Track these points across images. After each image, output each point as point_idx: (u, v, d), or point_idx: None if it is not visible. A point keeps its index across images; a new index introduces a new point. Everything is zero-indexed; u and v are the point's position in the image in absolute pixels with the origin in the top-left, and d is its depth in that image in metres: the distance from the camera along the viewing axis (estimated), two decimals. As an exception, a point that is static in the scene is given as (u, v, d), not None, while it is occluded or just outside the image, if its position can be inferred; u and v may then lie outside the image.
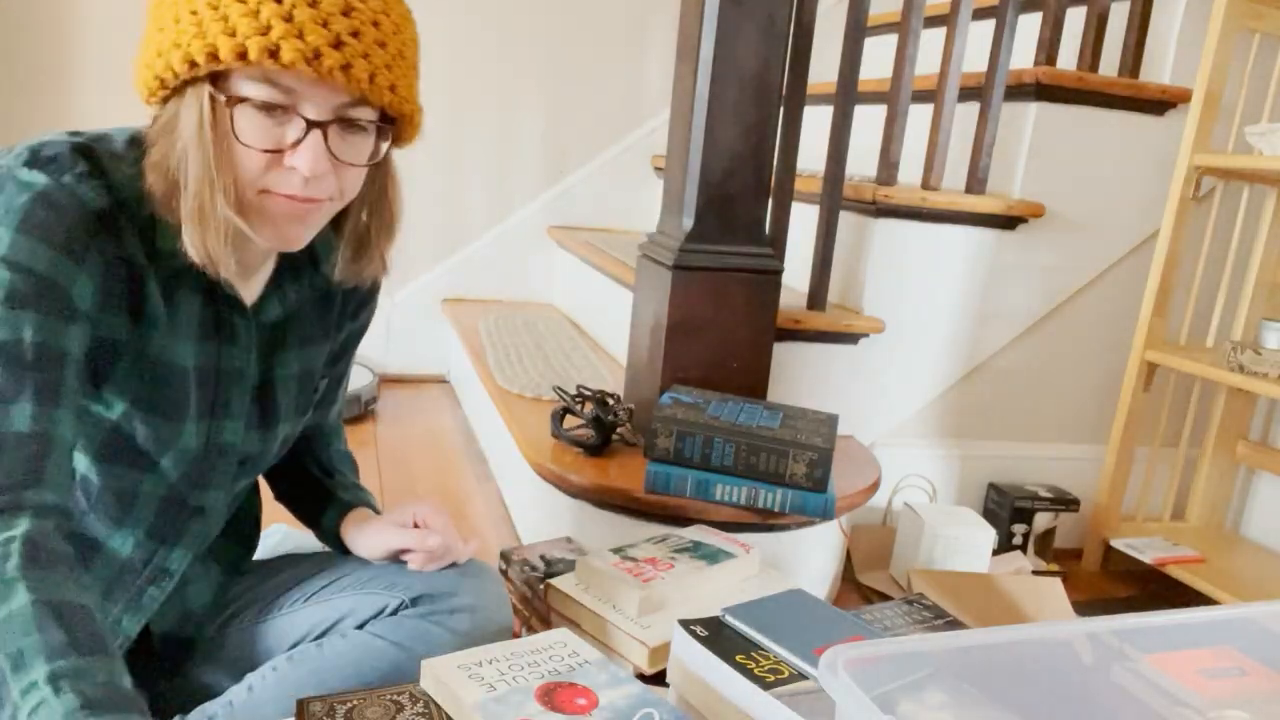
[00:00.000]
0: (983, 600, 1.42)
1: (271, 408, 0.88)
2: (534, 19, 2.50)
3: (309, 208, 0.73)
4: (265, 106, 0.68)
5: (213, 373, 0.81)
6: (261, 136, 0.69)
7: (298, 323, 0.89)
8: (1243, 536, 1.89)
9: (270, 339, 0.86)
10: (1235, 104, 1.72)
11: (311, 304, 0.89)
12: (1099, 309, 1.85)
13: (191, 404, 0.80)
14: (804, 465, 1.29)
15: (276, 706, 0.87)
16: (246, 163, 0.70)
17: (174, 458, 0.81)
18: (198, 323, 0.78)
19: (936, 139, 1.69)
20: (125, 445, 0.79)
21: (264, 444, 0.89)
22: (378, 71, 0.69)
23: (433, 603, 0.94)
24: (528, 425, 1.55)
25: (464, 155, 2.53)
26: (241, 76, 0.67)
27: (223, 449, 0.85)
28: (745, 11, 1.38)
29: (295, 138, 0.69)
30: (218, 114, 0.68)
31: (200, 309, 0.78)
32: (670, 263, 1.45)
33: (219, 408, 0.83)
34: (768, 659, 0.85)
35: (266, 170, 0.70)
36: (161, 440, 0.79)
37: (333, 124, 0.70)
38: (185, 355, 0.78)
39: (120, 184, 0.72)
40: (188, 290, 0.77)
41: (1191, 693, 0.77)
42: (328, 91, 0.69)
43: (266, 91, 0.68)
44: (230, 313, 0.81)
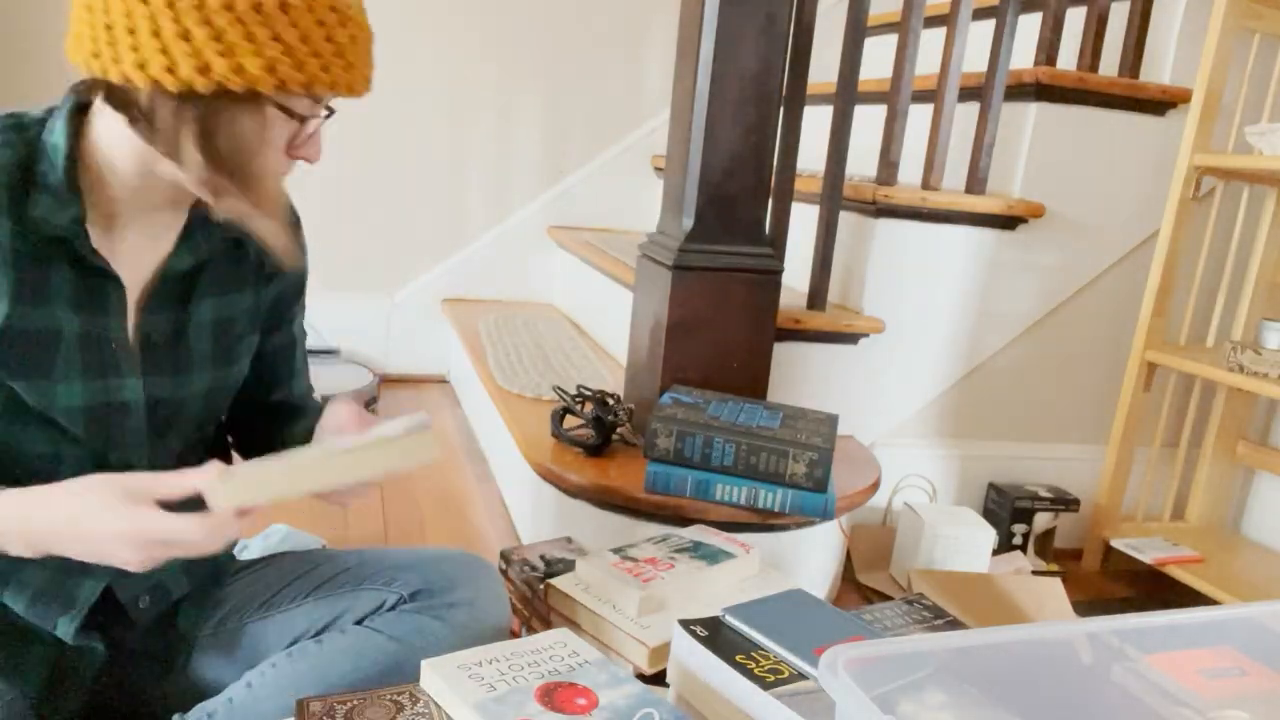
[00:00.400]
0: (983, 600, 1.42)
1: (186, 356, 0.88)
2: (534, 19, 2.50)
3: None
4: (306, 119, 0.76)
5: (92, 337, 0.82)
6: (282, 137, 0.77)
7: (211, 271, 0.90)
8: (1243, 536, 1.89)
9: (183, 288, 0.88)
10: (1235, 104, 1.72)
11: (224, 254, 0.90)
12: (1099, 309, 1.85)
13: (60, 366, 0.80)
14: (804, 465, 1.29)
15: (276, 703, 0.87)
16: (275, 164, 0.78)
17: (66, 417, 0.81)
18: (70, 291, 0.80)
19: (936, 139, 1.69)
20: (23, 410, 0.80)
21: (177, 391, 0.88)
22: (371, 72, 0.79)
23: (431, 598, 0.94)
24: (528, 425, 1.55)
25: (464, 155, 2.53)
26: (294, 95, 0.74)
27: (123, 405, 0.84)
28: (745, 11, 1.38)
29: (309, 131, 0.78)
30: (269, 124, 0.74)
31: (73, 277, 0.80)
32: (670, 263, 1.44)
33: (108, 369, 0.83)
34: (768, 659, 0.85)
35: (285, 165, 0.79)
36: (42, 401, 0.80)
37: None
38: (59, 320, 0.79)
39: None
40: (59, 259, 0.79)
41: (1191, 693, 0.77)
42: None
43: (314, 107, 0.76)
44: (102, 280, 0.81)
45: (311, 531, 1.48)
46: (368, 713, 0.77)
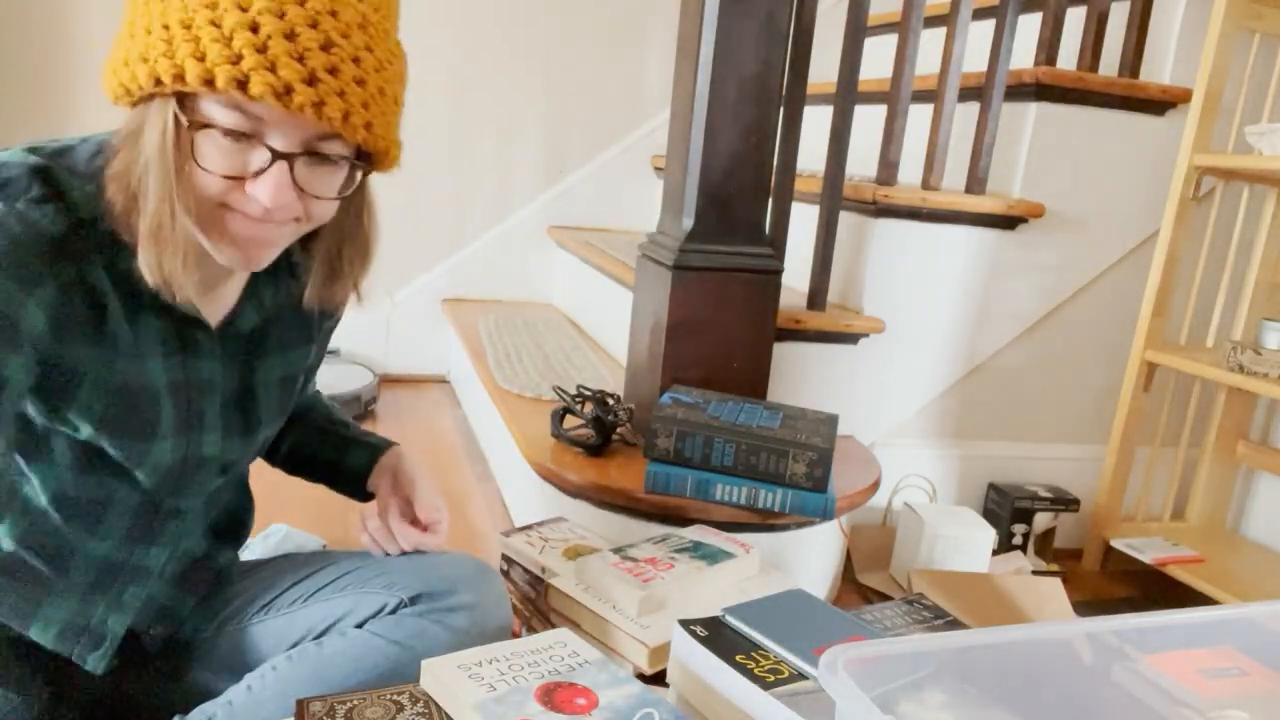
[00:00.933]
0: (983, 600, 1.42)
1: (254, 413, 0.88)
2: (534, 19, 2.50)
3: (271, 231, 0.70)
4: (232, 134, 0.65)
5: (183, 388, 0.80)
6: (223, 163, 0.66)
7: (276, 328, 0.88)
8: (1243, 536, 1.89)
9: (249, 346, 0.86)
10: (1235, 104, 1.72)
11: (290, 309, 0.88)
12: (1099, 309, 1.85)
13: (163, 422, 0.79)
14: (804, 465, 1.29)
15: (276, 706, 0.87)
16: (207, 185, 0.67)
17: (148, 471, 0.80)
18: (161, 340, 0.77)
19: (936, 139, 1.69)
20: (100, 460, 0.78)
21: (245, 449, 0.89)
22: (353, 110, 0.66)
23: (432, 601, 0.94)
24: (528, 425, 1.55)
25: (464, 155, 2.53)
26: (210, 100, 0.65)
27: (202, 460, 0.85)
28: (745, 11, 1.38)
29: (259, 167, 0.66)
30: (181, 135, 0.65)
31: (163, 327, 0.77)
32: (670, 263, 1.45)
33: (194, 421, 0.82)
34: (768, 659, 0.85)
35: (227, 193, 0.68)
36: (134, 458, 0.78)
37: (301, 156, 0.67)
38: (153, 374, 0.77)
39: (80, 203, 0.69)
40: (150, 309, 0.75)
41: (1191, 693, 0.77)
42: (298, 124, 0.66)
43: (234, 119, 0.65)
44: (192, 327, 0.79)
45: (312, 532, 1.48)
46: (368, 713, 0.77)
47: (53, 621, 0.84)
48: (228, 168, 0.66)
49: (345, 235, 0.78)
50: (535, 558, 1.17)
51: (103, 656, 0.87)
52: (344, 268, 0.79)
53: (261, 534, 1.42)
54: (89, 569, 0.83)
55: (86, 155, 0.71)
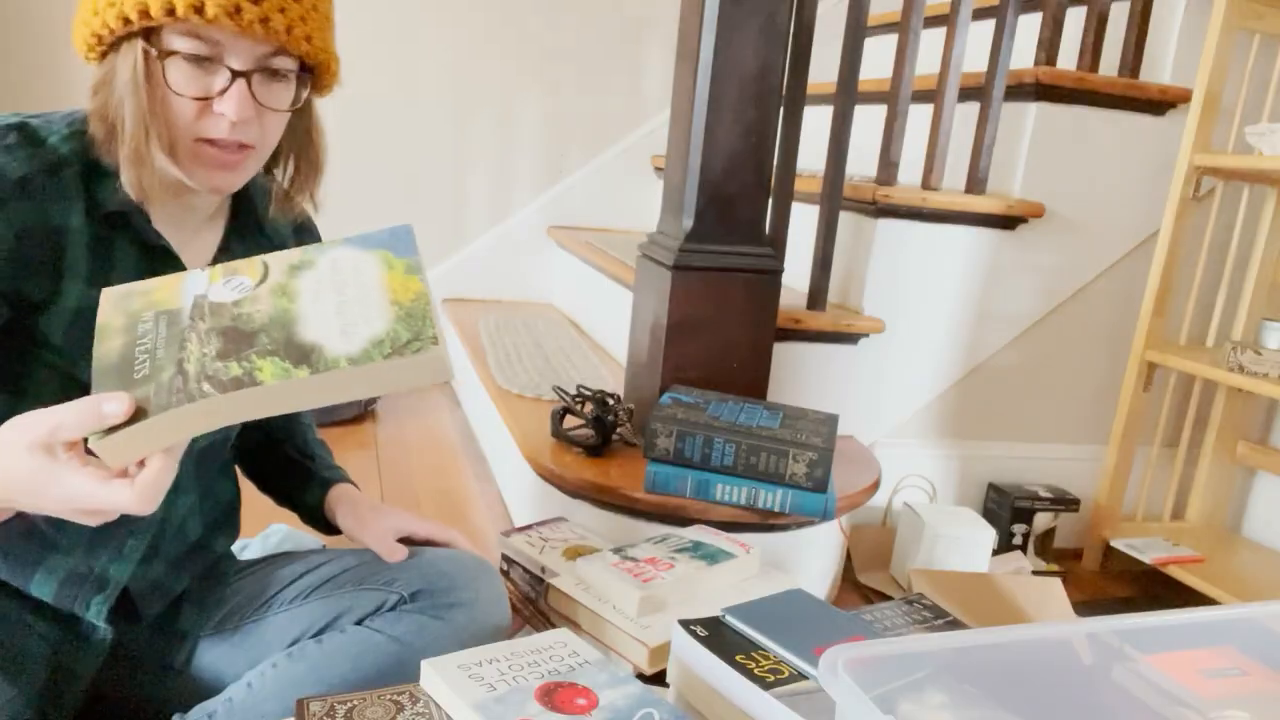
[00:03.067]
0: (983, 600, 1.42)
1: None
2: (534, 19, 2.50)
3: (238, 157, 0.79)
4: (193, 58, 0.75)
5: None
6: (191, 85, 0.75)
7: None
8: (1243, 536, 1.89)
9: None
10: (1235, 104, 1.72)
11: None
12: (1099, 309, 1.85)
13: None
14: (804, 465, 1.29)
15: (276, 703, 0.87)
16: (179, 110, 0.76)
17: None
18: (134, 273, 0.82)
19: (936, 139, 1.69)
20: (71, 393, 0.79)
21: None
22: (294, 24, 0.76)
23: (431, 598, 0.94)
24: (528, 425, 1.55)
25: (464, 155, 2.53)
26: (171, 32, 0.74)
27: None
28: (745, 11, 1.38)
29: (222, 86, 0.76)
30: (150, 66, 0.75)
31: (135, 260, 0.82)
32: (670, 263, 1.44)
33: None
34: (768, 659, 0.85)
35: (198, 118, 0.77)
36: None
37: (255, 73, 0.77)
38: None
39: (54, 146, 0.78)
40: (127, 242, 0.82)
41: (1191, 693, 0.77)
42: (250, 43, 0.75)
43: (194, 45, 0.74)
44: (165, 264, 0.84)
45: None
46: (368, 713, 0.77)
47: (56, 571, 0.85)
48: (195, 90, 0.76)
49: (299, 152, 0.87)
50: (535, 558, 1.17)
51: (104, 602, 0.87)
52: (299, 181, 0.89)
53: (261, 534, 1.42)
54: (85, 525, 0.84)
55: (63, 114, 0.81)
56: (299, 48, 0.77)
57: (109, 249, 0.81)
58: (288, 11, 0.76)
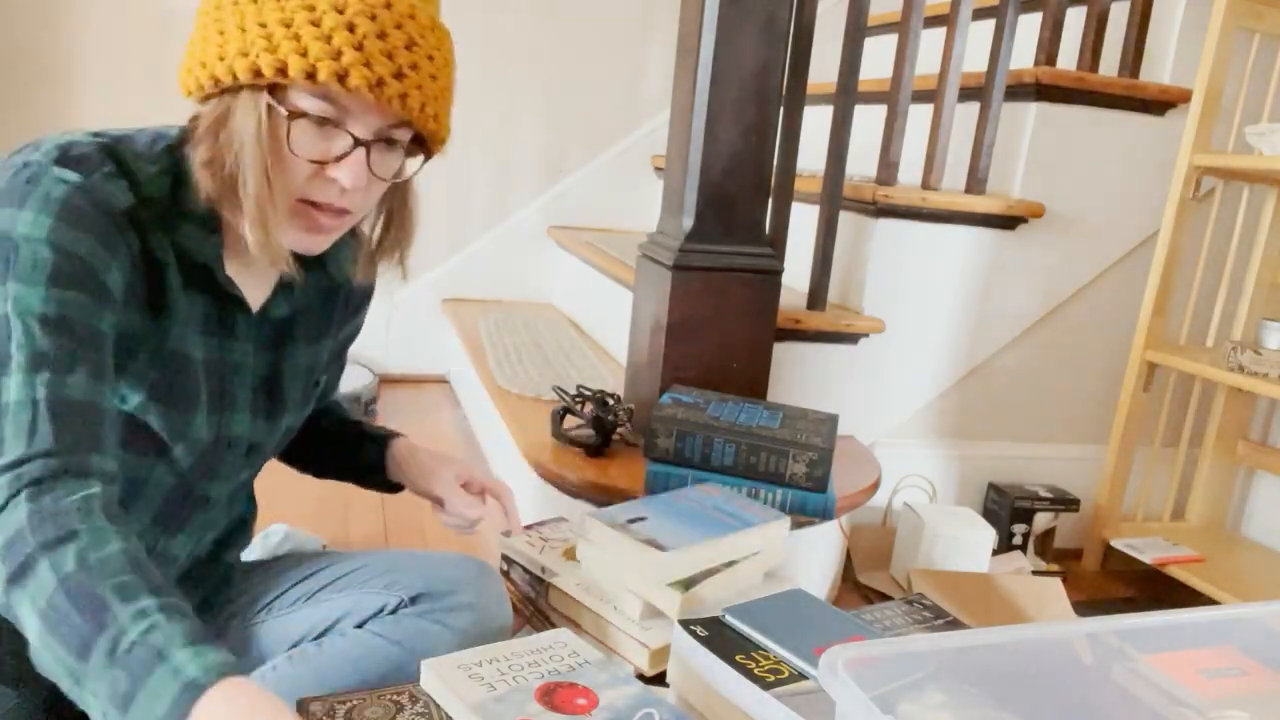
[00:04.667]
0: (983, 600, 1.42)
1: (279, 398, 0.90)
2: (534, 19, 2.50)
3: (336, 222, 0.77)
4: (319, 121, 0.72)
5: (217, 366, 0.83)
6: (310, 148, 0.73)
7: (304, 319, 0.91)
8: (1243, 536, 1.89)
9: (278, 334, 0.89)
10: (1235, 104, 1.72)
11: (318, 303, 0.92)
12: (1099, 309, 1.85)
13: (201, 395, 0.82)
14: (804, 465, 1.29)
15: (276, 706, 0.87)
16: (293, 170, 0.73)
17: (186, 447, 0.82)
18: (203, 318, 0.81)
19: (936, 139, 1.69)
20: (140, 434, 0.80)
21: (269, 434, 0.91)
22: (428, 102, 0.76)
23: (432, 601, 0.94)
24: (528, 425, 1.55)
25: (465, 155, 2.53)
26: (300, 91, 0.71)
27: (231, 440, 0.87)
28: (745, 11, 1.38)
29: (341, 152, 0.73)
30: (274, 123, 0.72)
31: (205, 305, 0.81)
32: (670, 263, 1.45)
33: (226, 400, 0.85)
34: (768, 659, 0.85)
35: (310, 179, 0.74)
36: (175, 430, 0.80)
37: (376, 143, 0.75)
38: (194, 347, 0.81)
39: (144, 183, 0.75)
40: (195, 288, 0.80)
41: (1191, 693, 0.77)
42: (379, 114, 0.74)
43: (323, 107, 0.72)
44: (233, 309, 0.83)
45: (312, 532, 1.48)
46: (368, 713, 0.77)
47: None
48: (315, 153, 0.73)
49: (392, 217, 0.86)
50: (535, 558, 1.17)
51: None
52: (389, 247, 0.87)
53: (261, 534, 1.42)
54: None
55: (145, 141, 0.77)
56: (426, 126, 0.77)
57: (187, 292, 0.79)
58: (424, 89, 0.75)
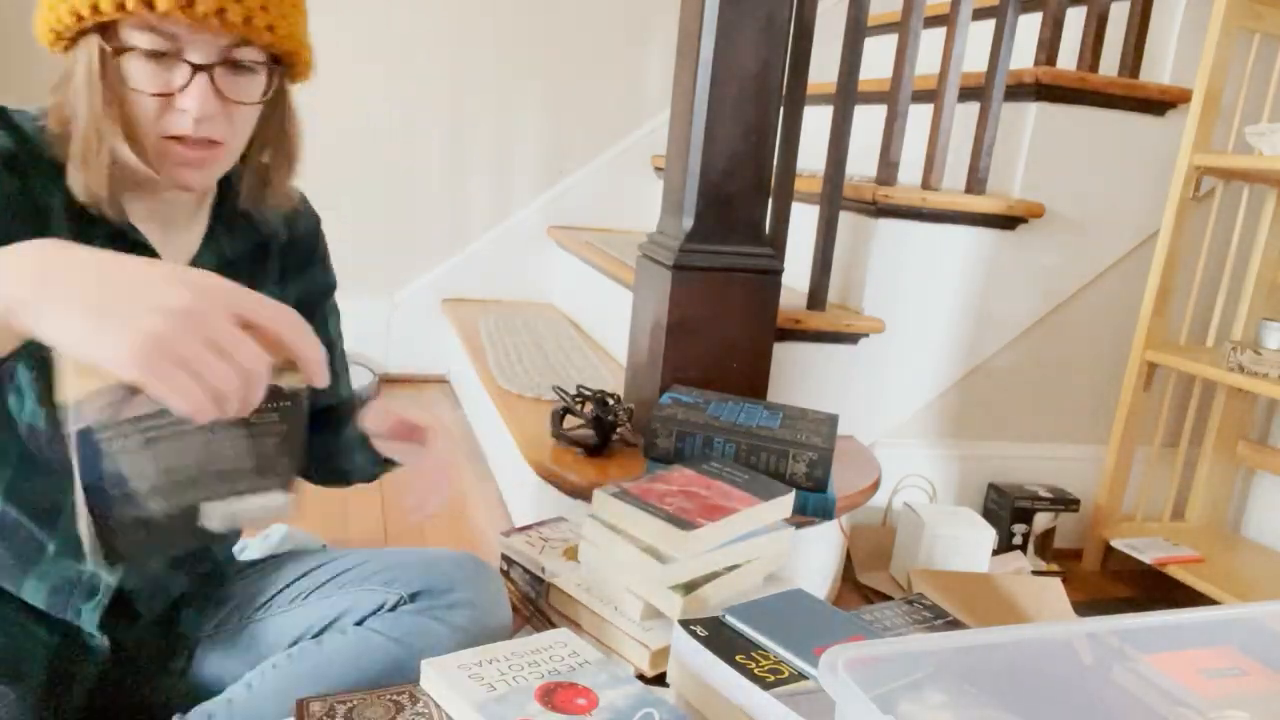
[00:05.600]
0: (983, 600, 1.42)
1: None
2: (534, 19, 2.50)
3: (206, 153, 0.76)
4: (152, 54, 0.72)
5: None
6: (150, 81, 0.73)
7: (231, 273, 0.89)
8: (1243, 536, 1.89)
9: None
10: (1235, 104, 1.72)
11: (246, 256, 0.91)
12: (1099, 309, 1.85)
13: None
14: (804, 465, 1.29)
15: (276, 704, 0.87)
16: (141, 107, 0.73)
17: None
18: None
19: (936, 139, 1.69)
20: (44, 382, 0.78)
21: None
22: (253, 14, 0.72)
23: (431, 598, 0.94)
24: (528, 425, 1.55)
25: (464, 155, 2.53)
26: (128, 27, 0.71)
27: None
28: (745, 11, 1.38)
29: (182, 82, 0.73)
30: (106, 63, 0.72)
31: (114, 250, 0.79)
32: (670, 263, 1.44)
33: None
34: (768, 659, 0.85)
35: (160, 115, 0.74)
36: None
37: (218, 66, 0.73)
38: None
39: (30, 135, 0.76)
40: (101, 236, 0.78)
41: (1191, 693, 0.77)
42: (210, 36, 0.72)
43: (151, 40, 0.71)
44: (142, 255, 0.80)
45: (311, 531, 1.48)
46: (367, 713, 0.77)
47: (46, 577, 0.84)
48: (155, 86, 0.73)
49: (273, 144, 0.84)
50: (535, 558, 1.17)
51: (95, 608, 0.87)
52: (271, 172, 0.86)
53: (261, 534, 1.42)
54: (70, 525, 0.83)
55: (37, 107, 0.79)
56: (261, 39, 0.74)
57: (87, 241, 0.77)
58: (245, 1, 0.72)
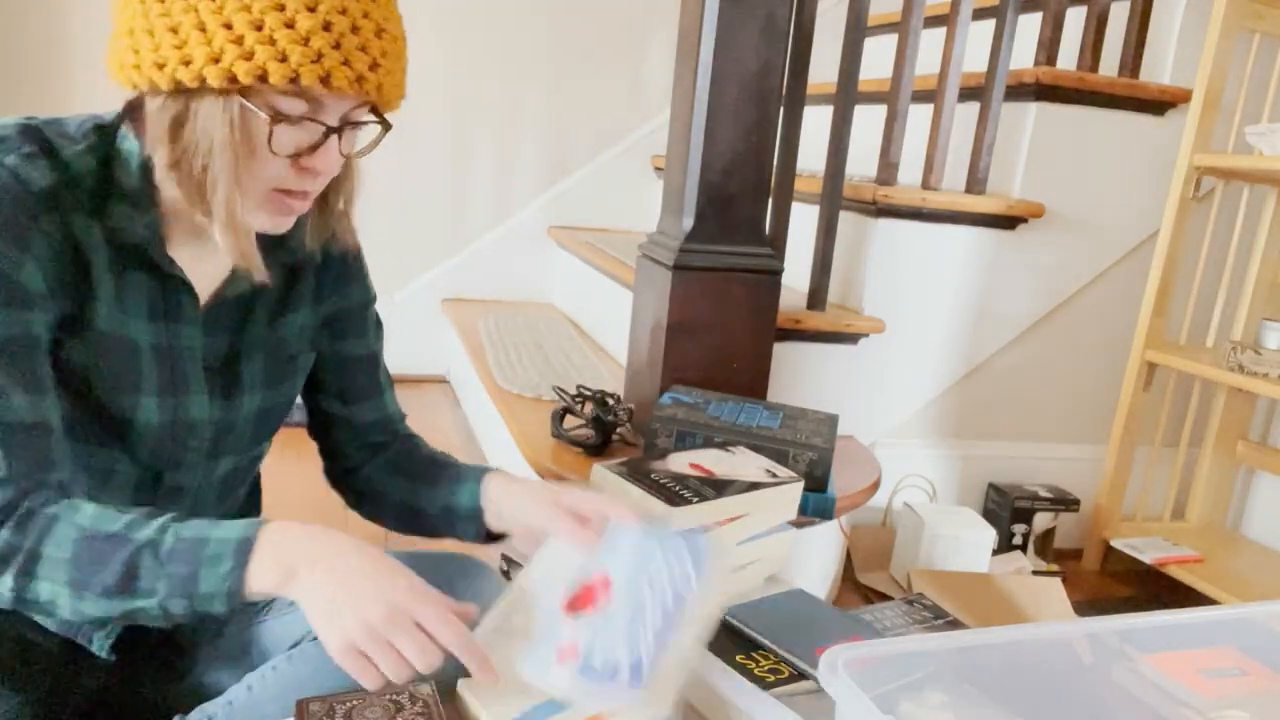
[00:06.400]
0: (983, 600, 1.42)
1: (235, 378, 0.88)
2: (534, 19, 2.50)
3: (305, 203, 0.77)
4: (299, 119, 0.71)
5: (166, 350, 0.82)
6: (289, 145, 0.72)
7: (264, 297, 0.89)
8: (1243, 536, 1.89)
9: (238, 313, 0.87)
10: (1235, 104, 1.72)
11: (279, 278, 0.90)
12: (1099, 309, 1.85)
13: (144, 379, 0.80)
14: (804, 465, 1.29)
15: (276, 705, 0.87)
16: (271, 168, 0.73)
17: (138, 433, 0.81)
18: (146, 301, 0.79)
19: (936, 139, 1.69)
20: (90, 423, 0.79)
21: (229, 414, 0.88)
22: (397, 86, 0.75)
23: None
24: (528, 425, 1.55)
25: (464, 155, 2.53)
26: (275, 92, 0.70)
27: (190, 424, 0.84)
28: (745, 11, 1.38)
29: (314, 141, 0.73)
30: (249, 126, 0.70)
31: (148, 288, 0.79)
32: (670, 263, 1.44)
33: (178, 384, 0.83)
34: (768, 659, 0.85)
35: (285, 172, 0.74)
36: (121, 415, 0.79)
37: (346, 127, 0.74)
38: (137, 332, 0.79)
39: (69, 161, 0.74)
40: (135, 269, 0.78)
41: (1191, 693, 0.77)
42: (350, 102, 0.73)
43: (301, 106, 0.71)
44: (177, 291, 0.81)
45: (311, 532, 1.48)
46: (367, 713, 0.77)
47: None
48: (294, 149, 0.72)
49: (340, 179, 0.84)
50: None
51: (108, 636, 0.87)
52: (339, 204, 0.86)
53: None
54: None
55: (76, 123, 0.77)
56: (393, 107, 0.76)
57: (124, 273, 0.77)
58: (394, 75, 0.74)
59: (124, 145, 0.76)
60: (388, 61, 0.73)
